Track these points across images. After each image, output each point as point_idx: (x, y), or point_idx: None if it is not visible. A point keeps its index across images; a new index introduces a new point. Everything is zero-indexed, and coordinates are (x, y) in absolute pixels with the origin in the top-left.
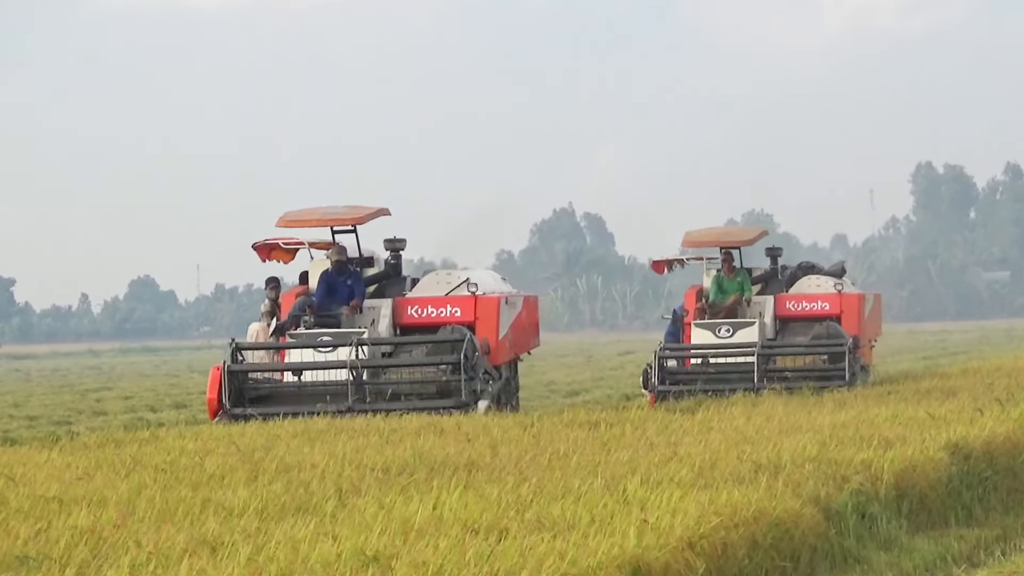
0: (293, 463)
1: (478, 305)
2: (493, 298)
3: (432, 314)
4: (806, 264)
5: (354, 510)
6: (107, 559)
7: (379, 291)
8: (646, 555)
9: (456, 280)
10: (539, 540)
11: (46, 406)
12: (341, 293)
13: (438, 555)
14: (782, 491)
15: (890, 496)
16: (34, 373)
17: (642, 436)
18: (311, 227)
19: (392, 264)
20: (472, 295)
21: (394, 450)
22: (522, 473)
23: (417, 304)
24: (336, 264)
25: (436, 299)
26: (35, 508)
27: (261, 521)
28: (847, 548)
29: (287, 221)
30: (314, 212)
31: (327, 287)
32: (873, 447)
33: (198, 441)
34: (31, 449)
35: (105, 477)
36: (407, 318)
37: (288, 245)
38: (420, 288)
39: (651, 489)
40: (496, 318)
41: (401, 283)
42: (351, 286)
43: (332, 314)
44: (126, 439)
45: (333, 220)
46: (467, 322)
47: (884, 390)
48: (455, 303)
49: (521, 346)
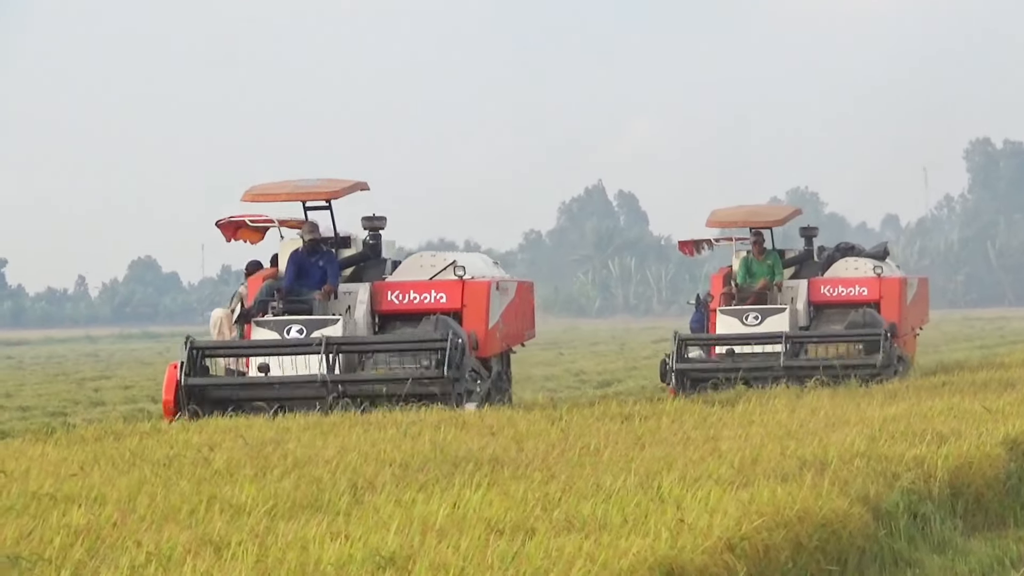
0: (304, 458)
1: (465, 291)
2: (482, 283)
3: (415, 300)
4: (845, 245)
5: (369, 508)
6: (105, 560)
7: (356, 274)
8: (681, 557)
9: (442, 263)
10: (567, 541)
11: (40, 396)
12: (313, 276)
13: (459, 556)
14: (828, 489)
15: (944, 495)
16: (27, 360)
17: (679, 430)
18: (280, 202)
19: (371, 245)
20: (459, 280)
21: (413, 444)
22: (550, 469)
23: (398, 289)
24: (308, 244)
25: (419, 284)
26: (28, 505)
27: (270, 520)
28: (898, 550)
29: (254, 195)
30: (284, 186)
31: (297, 269)
32: (926, 442)
33: (203, 434)
34: (24, 442)
35: (103, 472)
36: (387, 305)
37: (256, 223)
38: (402, 272)
39: (688, 487)
40: (486, 305)
41: (381, 266)
42: (324, 268)
43: (303, 299)
44: (126, 431)
45: (305, 194)
46: (453, 310)
47: (938, 381)
48: (440, 288)
49: (514, 336)
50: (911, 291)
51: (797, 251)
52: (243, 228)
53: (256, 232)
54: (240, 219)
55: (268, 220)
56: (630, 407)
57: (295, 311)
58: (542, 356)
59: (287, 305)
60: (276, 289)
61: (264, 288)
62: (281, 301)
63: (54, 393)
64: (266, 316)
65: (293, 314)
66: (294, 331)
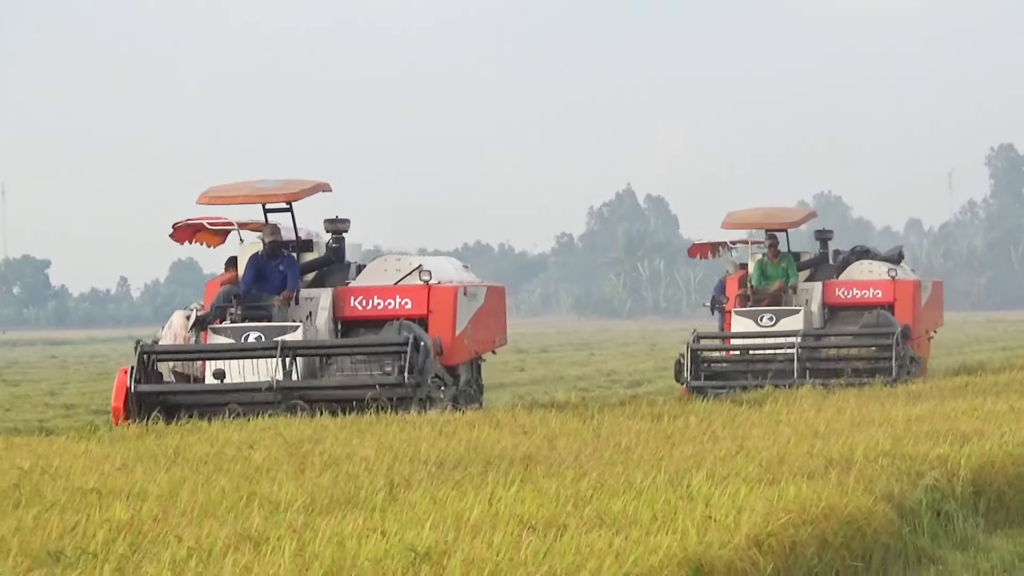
0: (342, 455)
1: (432, 296)
2: (449, 288)
3: (378, 306)
4: (860, 248)
5: (405, 504)
6: (147, 554)
7: (319, 279)
8: (709, 553)
9: (407, 267)
10: (599, 537)
11: (83, 394)
12: (272, 280)
13: (492, 552)
14: (854, 487)
15: (967, 493)
16: (71, 359)
17: (707, 429)
18: (238, 204)
19: (334, 248)
20: (425, 285)
21: (447, 442)
22: (582, 467)
23: (361, 295)
24: (268, 247)
25: (383, 289)
26: (72, 501)
27: (308, 515)
28: (921, 547)
29: (210, 197)
30: (242, 187)
31: (256, 273)
32: (949, 442)
33: (243, 432)
34: (68, 439)
35: (145, 469)
36: (349, 311)
37: (215, 226)
38: (365, 276)
39: (716, 484)
40: (452, 311)
41: (344, 270)
42: (284, 272)
43: (262, 305)
44: (167, 429)
45: (263, 196)
46: (419, 316)
47: (960, 382)
48: (405, 294)
49: (484, 343)
50: (925, 294)
51: (812, 254)
52: (202, 231)
53: (215, 236)
54: (198, 222)
55: (227, 223)
56: (660, 407)
57: (253, 317)
58: (575, 356)
59: (245, 311)
60: (234, 295)
61: (221, 294)
62: (239, 307)
63: (97, 391)
64: (223, 322)
65: (251, 320)
66: (252, 338)
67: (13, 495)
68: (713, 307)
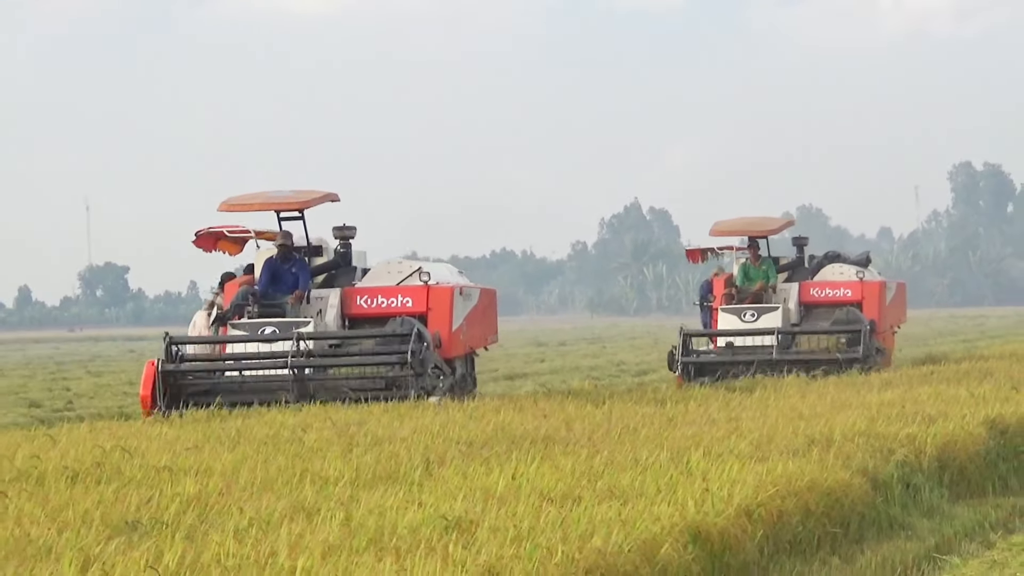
0: (384, 436)
1: (430, 295)
2: (446, 288)
3: (382, 304)
4: (832, 253)
5: (439, 479)
6: (213, 524)
7: (328, 281)
8: (706, 521)
9: (408, 269)
10: (609, 508)
11: None
12: (285, 281)
13: (516, 520)
14: (833, 463)
15: (932, 468)
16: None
17: (705, 412)
18: (254, 211)
19: (342, 253)
20: (424, 285)
21: (477, 425)
22: (594, 446)
23: (366, 294)
24: (281, 251)
25: (386, 289)
26: (147, 477)
27: (354, 489)
28: (893, 515)
29: (229, 205)
30: (257, 196)
31: (271, 275)
32: (917, 423)
33: (298, 417)
34: (144, 423)
35: (212, 449)
36: (356, 308)
37: (233, 234)
38: (370, 278)
39: (712, 461)
40: (449, 309)
41: (351, 273)
42: (296, 274)
43: (276, 303)
44: (231, 414)
45: (277, 204)
46: (418, 313)
47: (927, 371)
48: (406, 293)
49: (477, 340)
50: (890, 293)
51: (790, 258)
52: (222, 240)
53: (235, 244)
54: (219, 230)
55: (245, 231)
56: (663, 393)
57: (269, 314)
58: (588, 349)
59: (261, 308)
60: (251, 294)
61: (240, 293)
62: (255, 305)
63: None
64: (242, 319)
65: (267, 317)
66: (267, 332)
67: (95, 472)
68: (701, 305)
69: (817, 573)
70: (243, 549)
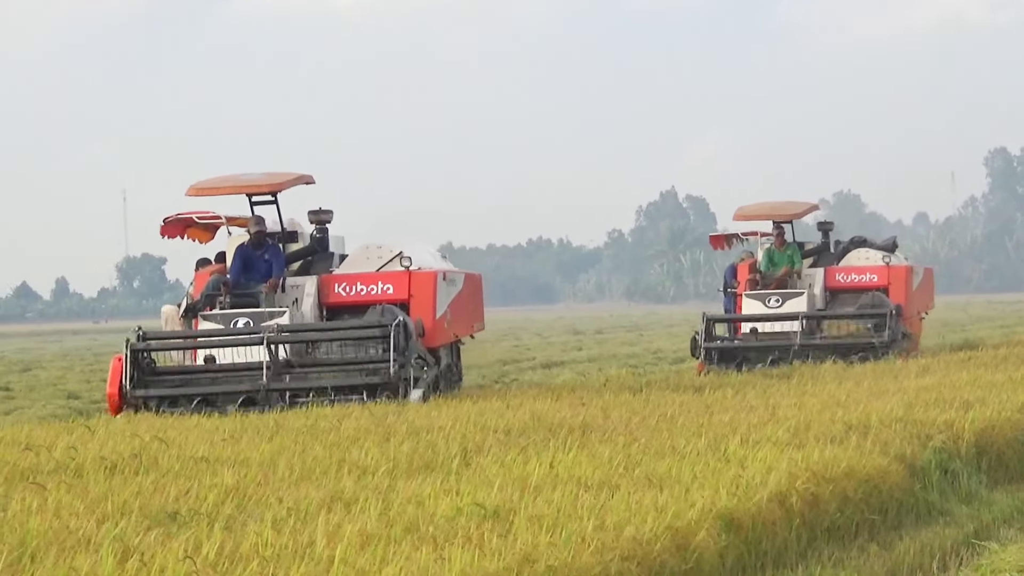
0: (422, 426)
1: (412, 281)
2: (429, 273)
3: (361, 292)
4: (858, 238)
5: (476, 468)
6: (251, 514)
7: (304, 268)
8: (740, 508)
9: (388, 254)
10: (645, 495)
11: None
12: (258, 269)
13: (553, 509)
14: (870, 450)
15: (970, 453)
16: None
17: (743, 400)
18: (224, 195)
19: (318, 238)
20: (406, 271)
21: (514, 414)
22: (632, 434)
23: (345, 281)
24: (253, 237)
25: (365, 276)
26: (185, 468)
27: (391, 479)
28: (931, 502)
29: (198, 190)
30: (227, 180)
31: (243, 263)
32: (955, 408)
33: (335, 407)
34: (182, 414)
35: (249, 440)
36: (334, 297)
37: (203, 220)
38: (348, 264)
39: (749, 448)
40: (432, 296)
41: (328, 259)
42: (269, 262)
43: (249, 293)
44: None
45: (248, 188)
46: (400, 300)
47: (964, 356)
48: (387, 280)
49: (462, 327)
50: (917, 279)
51: (815, 243)
52: (192, 226)
53: (205, 231)
54: (187, 216)
55: (216, 217)
56: (701, 380)
57: (242, 304)
58: (625, 337)
59: (234, 299)
60: (222, 283)
61: (210, 282)
62: (227, 295)
63: None
64: (213, 310)
65: (240, 307)
66: (240, 323)
67: (133, 463)
68: (724, 290)
69: (855, 559)
70: (281, 539)
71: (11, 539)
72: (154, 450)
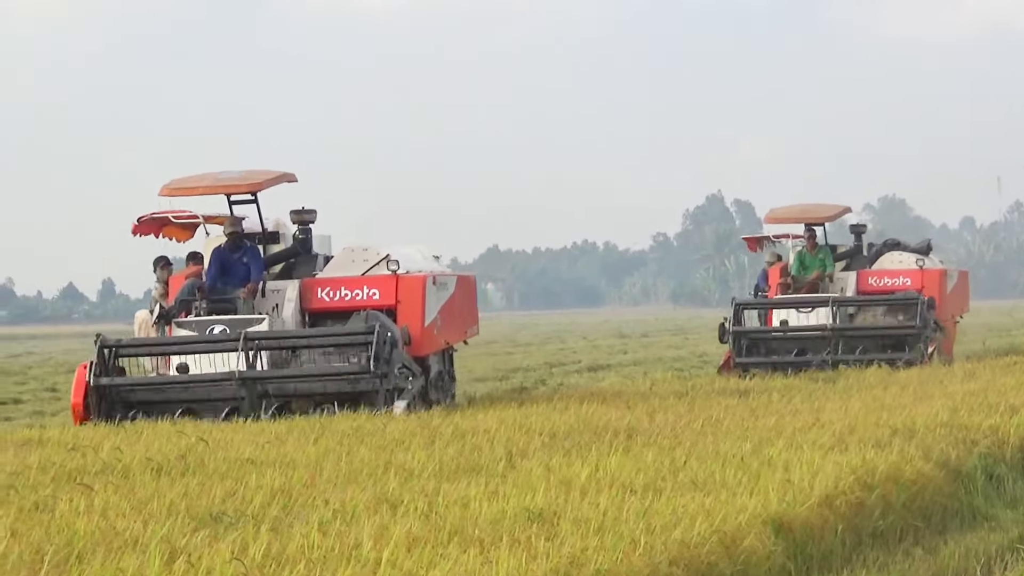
0: (467, 428)
1: (400, 286)
2: (417, 278)
3: (346, 297)
4: (891, 241)
5: (521, 471)
6: (297, 516)
7: (287, 271)
8: (788, 512)
9: (375, 257)
10: (691, 499)
11: None
12: (236, 273)
13: (598, 512)
14: (915, 454)
15: (1016, 458)
16: None
17: (787, 403)
18: (200, 195)
19: (301, 240)
20: (393, 275)
21: (560, 416)
22: (677, 437)
23: (328, 286)
24: (230, 239)
25: (350, 280)
26: (231, 470)
27: (437, 481)
28: (976, 507)
29: (172, 189)
30: (204, 179)
31: (220, 266)
32: (1000, 413)
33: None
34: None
35: (295, 442)
36: (316, 302)
37: (180, 219)
38: (333, 267)
39: (794, 452)
40: (421, 301)
41: (312, 261)
42: (247, 265)
43: (227, 298)
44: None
45: (226, 187)
46: (387, 306)
47: (1010, 360)
48: (372, 284)
49: (454, 333)
50: (951, 282)
51: (848, 246)
52: (168, 225)
53: (184, 230)
54: (163, 215)
55: (193, 216)
56: (745, 383)
57: (219, 310)
58: (671, 340)
59: (210, 304)
60: (198, 288)
61: (186, 287)
62: (204, 300)
63: None
64: (188, 316)
65: (217, 314)
66: (217, 331)
67: (179, 465)
68: (756, 294)
69: (900, 564)
70: (328, 541)
71: (59, 539)
72: (200, 452)
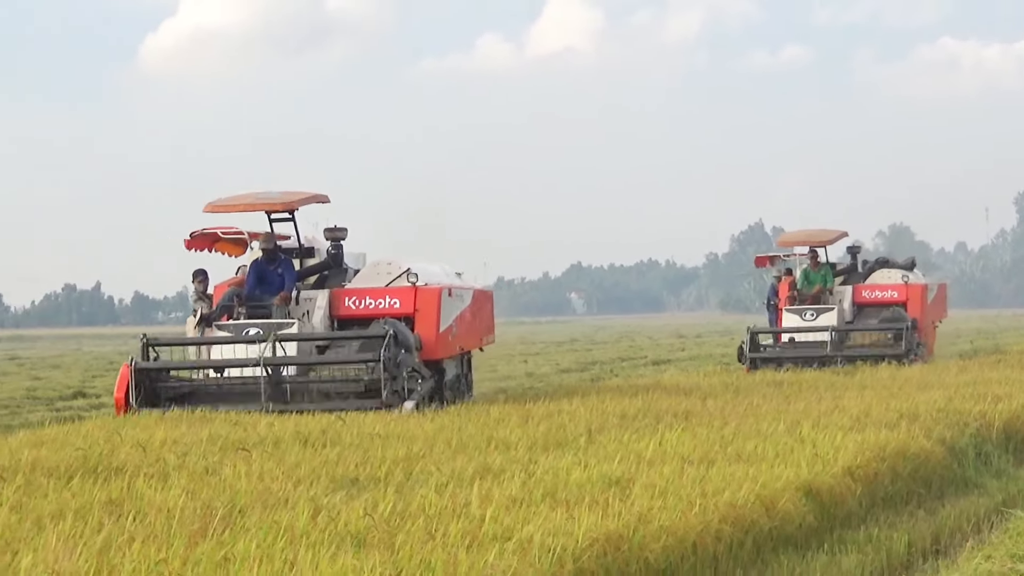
0: (554, 410)
1: (418, 296)
2: (434, 289)
3: (370, 306)
4: (882, 259)
5: (600, 445)
6: (417, 481)
7: (320, 282)
8: (816, 480)
9: (397, 270)
10: (738, 469)
11: None
12: (272, 283)
13: (663, 479)
14: (917, 434)
15: (1000, 438)
16: None
17: (814, 392)
18: (240, 212)
19: (332, 254)
20: (412, 286)
21: (630, 401)
22: (725, 419)
23: (354, 295)
24: (265, 252)
25: (374, 290)
26: (363, 442)
27: (531, 453)
28: (968, 477)
29: (215, 207)
30: (244, 197)
31: (257, 276)
32: (987, 401)
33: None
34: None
35: (415, 419)
36: (344, 310)
37: (228, 235)
38: (359, 279)
39: (820, 431)
40: (436, 310)
41: (342, 274)
42: (282, 275)
43: (263, 305)
44: None
45: (264, 205)
46: (406, 314)
47: (995, 359)
48: (394, 294)
49: (470, 340)
50: (931, 294)
51: (845, 264)
52: (219, 241)
53: (236, 246)
54: (213, 232)
55: (238, 232)
56: (781, 376)
57: (255, 316)
58: (720, 340)
59: (248, 310)
60: (236, 295)
61: (226, 294)
62: (242, 306)
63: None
64: (228, 320)
65: (253, 319)
66: (251, 332)
67: (322, 438)
68: (768, 305)
69: (906, 523)
70: (442, 501)
71: (224, 497)
72: (338, 427)
